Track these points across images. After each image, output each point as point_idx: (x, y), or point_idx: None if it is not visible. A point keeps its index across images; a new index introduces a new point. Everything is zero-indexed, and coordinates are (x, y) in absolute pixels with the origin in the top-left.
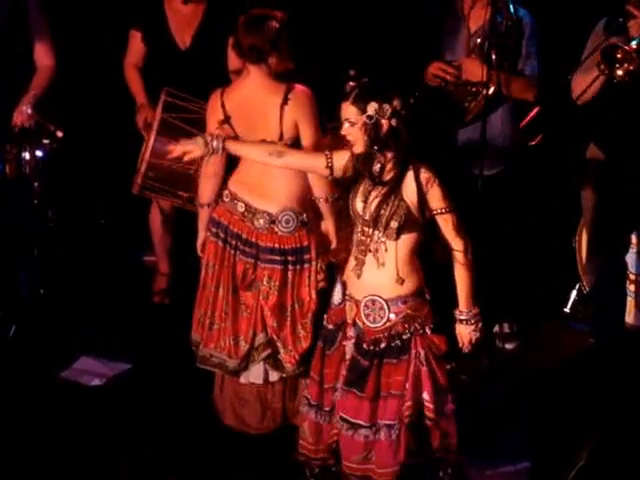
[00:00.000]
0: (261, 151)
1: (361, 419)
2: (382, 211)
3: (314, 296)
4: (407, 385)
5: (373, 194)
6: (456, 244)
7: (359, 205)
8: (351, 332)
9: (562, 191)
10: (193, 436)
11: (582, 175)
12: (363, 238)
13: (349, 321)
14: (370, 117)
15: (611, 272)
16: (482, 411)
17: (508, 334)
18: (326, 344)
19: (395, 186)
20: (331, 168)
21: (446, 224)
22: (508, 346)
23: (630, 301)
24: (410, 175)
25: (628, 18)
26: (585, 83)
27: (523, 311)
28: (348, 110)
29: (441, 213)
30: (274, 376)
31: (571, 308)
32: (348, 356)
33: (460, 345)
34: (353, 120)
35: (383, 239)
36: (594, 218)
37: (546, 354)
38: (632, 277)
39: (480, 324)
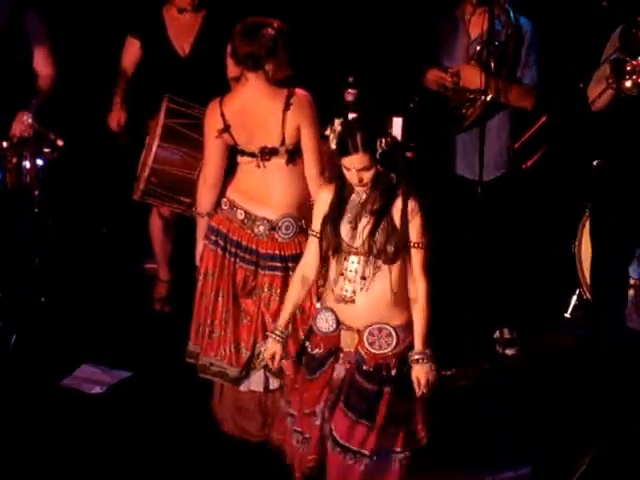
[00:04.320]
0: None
1: (367, 449)
2: (376, 237)
3: (315, 302)
4: (417, 409)
5: (364, 220)
6: (419, 282)
7: (345, 232)
8: (349, 358)
9: (561, 196)
10: (193, 443)
11: (588, 182)
12: (357, 266)
13: (347, 349)
14: (382, 155)
15: (612, 277)
16: (482, 417)
17: (508, 339)
18: (309, 369)
19: (385, 212)
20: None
21: (417, 259)
22: (509, 351)
23: (630, 306)
24: (399, 201)
25: (638, 29)
26: (596, 93)
27: (523, 316)
28: (362, 160)
29: (415, 247)
30: (274, 384)
31: (571, 313)
32: (340, 376)
33: (416, 388)
34: (369, 165)
35: (379, 264)
36: (596, 224)
37: (546, 359)
38: (632, 282)
39: (434, 365)
